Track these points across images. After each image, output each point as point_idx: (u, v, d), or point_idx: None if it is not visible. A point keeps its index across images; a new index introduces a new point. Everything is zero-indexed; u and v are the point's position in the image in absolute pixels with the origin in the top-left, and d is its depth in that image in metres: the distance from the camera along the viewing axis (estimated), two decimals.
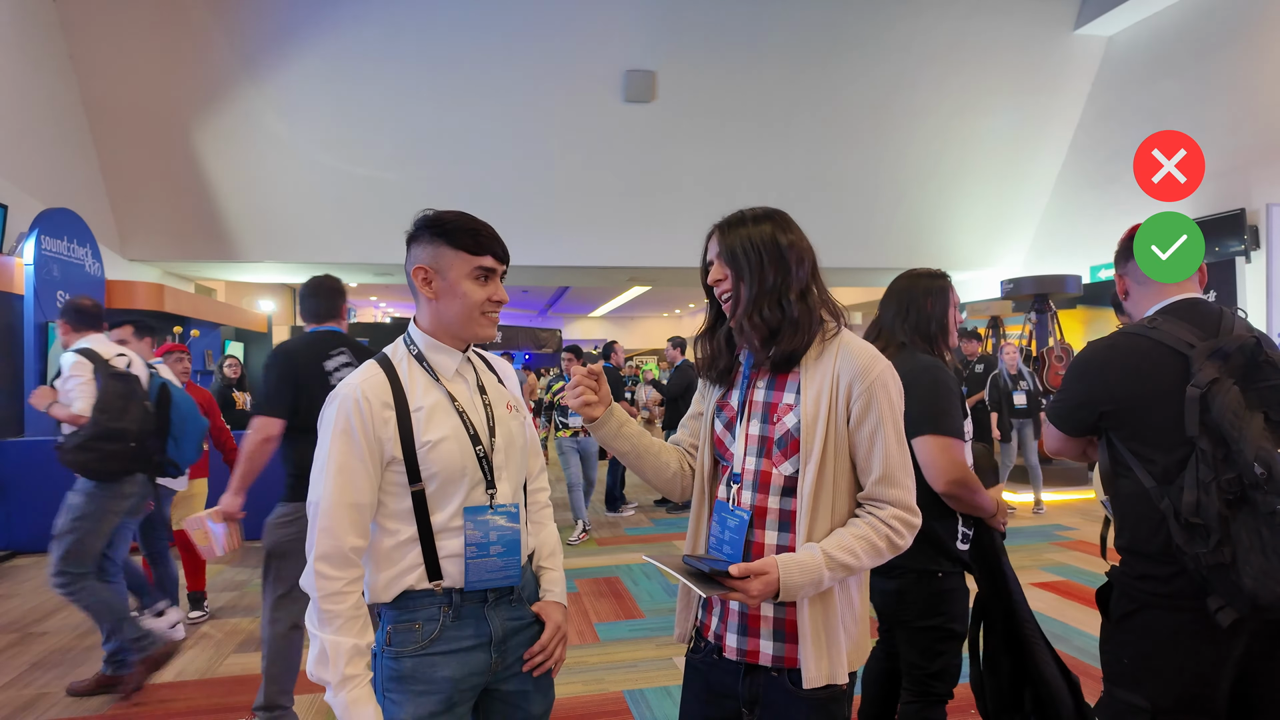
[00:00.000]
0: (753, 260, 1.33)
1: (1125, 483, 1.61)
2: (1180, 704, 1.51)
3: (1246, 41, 7.37)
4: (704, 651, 1.41)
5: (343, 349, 2.76)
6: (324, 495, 1.31)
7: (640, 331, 27.30)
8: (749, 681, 1.34)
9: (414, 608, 1.37)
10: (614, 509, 7.28)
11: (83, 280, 7.11)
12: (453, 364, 1.44)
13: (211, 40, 7.86)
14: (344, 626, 1.28)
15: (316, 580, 1.29)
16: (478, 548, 1.39)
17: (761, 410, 1.36)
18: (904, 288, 2.17)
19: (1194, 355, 1.49)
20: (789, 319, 1.32)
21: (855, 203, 9.69)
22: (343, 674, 1.26)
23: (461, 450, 1.38)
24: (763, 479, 1.33)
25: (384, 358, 1.42)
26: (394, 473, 1.36)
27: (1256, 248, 6.98)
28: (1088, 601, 4.31)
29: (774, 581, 1.20)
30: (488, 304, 1.41)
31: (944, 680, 2.04)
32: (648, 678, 3.42)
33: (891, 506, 1.28)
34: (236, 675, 3.45)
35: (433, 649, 1.36)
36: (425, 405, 1.38)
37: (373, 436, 1.33)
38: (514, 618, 1.46)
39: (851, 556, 1.24)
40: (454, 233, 1.38)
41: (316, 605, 1.29)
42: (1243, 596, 1.39)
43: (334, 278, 2.94)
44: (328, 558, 1.29)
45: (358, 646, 1.29)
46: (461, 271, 1.38)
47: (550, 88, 8.57)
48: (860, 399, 1.28)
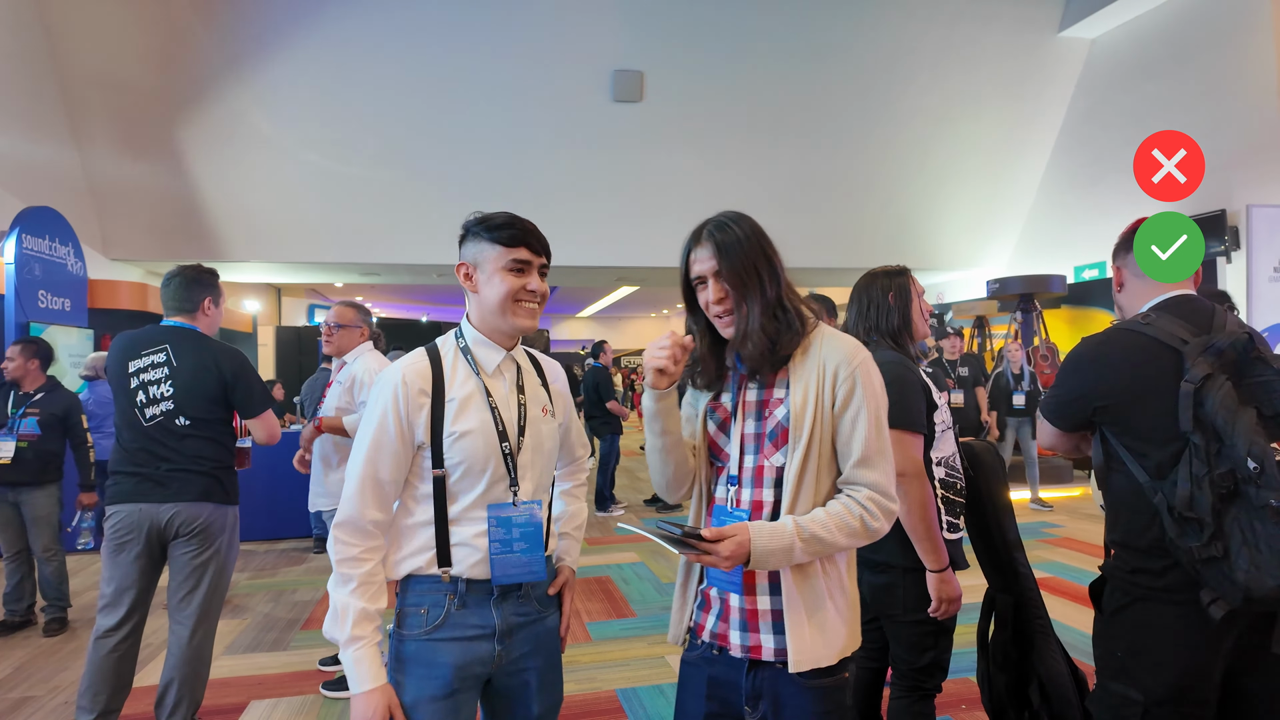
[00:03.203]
0: (752, 277, 1.33)
1: (1118, 477, 1.63)
2: (1173, 696, 1.53)
3: (1228, 44, 7.47)
4: (701, 649, 1.40)
5: (162, 347, 2.60)
6: (356, 468, 1.40)
7: (629, 332, 27.28)
8: (753, 677, 1.34)
9: (421, 592, 1.42)
10: (603, 509, 7.28)
11: (65, 280, 7.01)
12: (495, 360, 1.49)
13: (195, 37, 7.77)
14: (357, 590, 1.36)
15: (336, 545, 1.38)
16: (501, 544, 1.43)
17: (755, 409, 1.37)
18: (864, 286, 2.18)
19: (1187, 351, 1.51)
20: (785, 324, 1.33)
21: (842, 203, 9.74)
22: (350, 634, 1.34)
23: (487, 444, 1.42)
24: (758, 474, 1.34)
25: (433, 347, 1.49)
26: (423, 457, 1.42)
27: (1237, 248, 7.08)
28: (1074, 597, 4.35)
29: (745, 544, 1.22)
30: (523, 293, 1.44)
31: (933, 675, 2.05)
32: (640, 676, 3.42)
33: (868, 489, 1.29)
34: (224, 678, 3.42)
35: (436, 635, 1.40)
36: (459, 396, 1.43)
37: (405, 420, 1.40)
38: (520, 613, 1.48)
39: (824, 530, 1.25)
40: (492, 228, 1.43)
41: (336, 568, 1.38)
42: (1235, 589, 1.41)
43: (192, 267, 2.72)
44: (346, 525, 1.38)
45: (366, 610, 1.35)
46: (498, 264, 1.43)
47: (538, 87, 8.54)
48: (845, 384, 1.30)
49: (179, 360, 2.59)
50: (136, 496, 2.55)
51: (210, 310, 2.74)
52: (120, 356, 2.62)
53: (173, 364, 2.59)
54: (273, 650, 3.79)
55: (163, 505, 2.55)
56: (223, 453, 2.70)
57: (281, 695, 3.21)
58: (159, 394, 2.57)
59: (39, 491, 4.07)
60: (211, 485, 2.63)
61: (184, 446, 2.59)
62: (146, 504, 2.55)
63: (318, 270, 11.06)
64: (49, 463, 4.10)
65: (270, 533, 6.17)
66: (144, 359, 2.60)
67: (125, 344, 2.64)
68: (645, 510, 7.44)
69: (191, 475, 2.59)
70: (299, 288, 15.41)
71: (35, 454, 4.03)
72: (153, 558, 2.61)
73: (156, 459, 2.57)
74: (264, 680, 3.39)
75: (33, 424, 4.03)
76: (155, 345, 2.61)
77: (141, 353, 2.60)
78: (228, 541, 2.69)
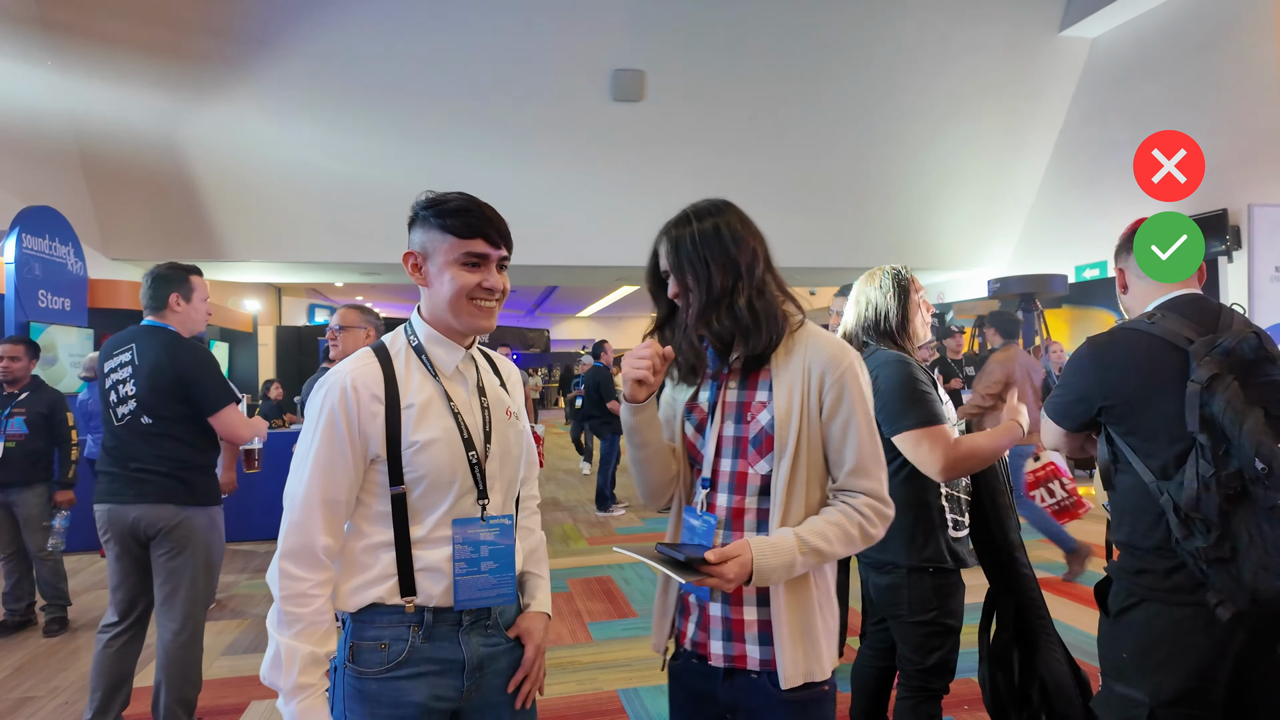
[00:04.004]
0: (699, 270, 1.28)
1: (1124, 478, 1.62)
2: (1179, 698, 1.51)
3: (1229, 44, 7.45)
4: (683, 658, 1.37)
5: (129, 346, 2.60)
6: (300, 488, 1.23)
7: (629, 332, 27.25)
8: (728, 686, 1.30)
9: (381, 624, 1.26)
10: (604, 509, 7.27)
11: (65, 279, 7.00)
12: (453, 360, 1.34)
13: (196, 37, 7.76)
14: (304, 632, 1.19)
15: (281, 579, 1.20)
16: (468, 563, 1.29)
17: (735, 410, 1.32)
18: (861, 285, 2.18)
19: (1194, 350, 1.50)
20: (741, 325, 1.27)
21: (843, 203, 9.72)
22: (296, 682, 1.18)
23: (452, 454, 1.28)
24: (739, 480, 1.30)
25: (380, 346, 1.34)
26: (376, 472, 1.27)
27: (1238, 247, 7.06)
28: (1075, 597, 4.34)
29: (748, 564, 1.17)
30: (478, 291, 1.30)
31: (940, 675, 2.04)
32: (641, 676, 3.41)
33: (865, 496, 1.26)
34: (225, 677, 3.41)
35: (399, 672, 1.26)
36: (417, 402, 1.28)
37: (357, 430, 1.24)
38: (490, 643, 1.34)
39: (824, 541, 1.21)
40: (444, 214, 1.28)
41: (278, 605, 1.20)
42: (1242, 591, 1.40)
43: (166, 265, 2.71)
44: (295, 555, 1.21)
45: (315, 655, 1.20)
46: (449, 256, 1.29)
47: (538, 86, 8.52)
48: (832, 390, 1.26)
49: (140, 359, 2.57)
50: (108, 496, 2.56)
51: (180, 307, 2.68)
52: (101, 358, 2.65)
53: (135, 363, 2.57)
54: None
55: (128, 506, 2.54)
56: (191, 453, 2.61)
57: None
58: (126, 393, 2.57)
59: (29, 492, 4.06)
60: (173, 487, 2.55)
61: (150, 446, 2.56)
62: (116, 504, 2.54)
63: (318, 270, 11.05)
64: (37, 462, 4.09)
65: (271, 533, 6.09)
66: (115, 359, 2.61)
67: (106, 345, 2.67)
68: (645, 510, 7.43)
69: (154, 476, 2.54)
70: (299, 287, 15.41)
71: (24, 454, 4.02)
72: (134, 557, 2.61)
73: (126, 459, 2.56)
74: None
75: (20, 424, 4.03)
76: (124, 345, 2.61)
77: (114, 353, 2.62)
78: (205, 544, 2.61)
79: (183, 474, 2.58)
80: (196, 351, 2.62)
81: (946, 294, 11.90)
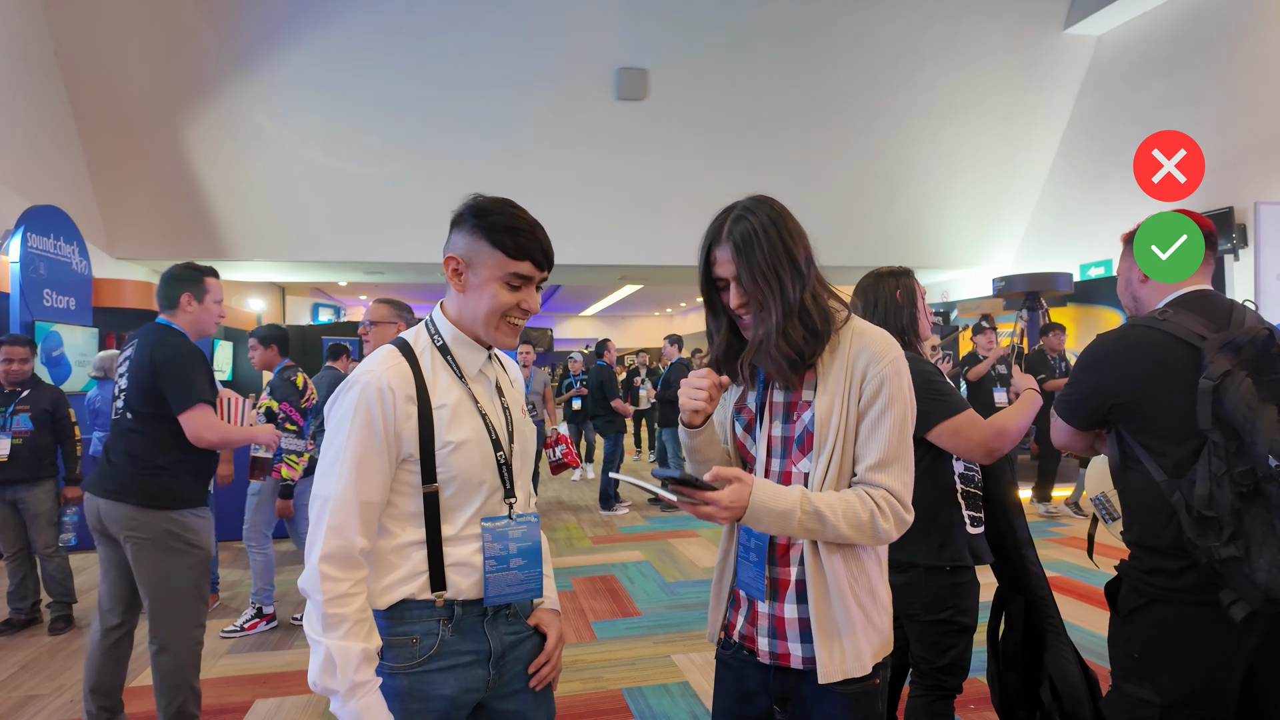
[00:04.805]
0: (772, 282, 1.24)
1: (1135, 476, 1.60)
2: (1191, 698, 1.50)
3: (1235, 41, 7.42)
4: (733, 649, 1.38)
5: (132, 343, 2.61)
6: (338, 490, 1.22)
7: (632, 330, 27.25)
8: (780, 678, 1.31)
9: (411, 620, 1.28)
10: (608, 508, 7.26)
11: (70, 278, 7.02)
12: (477, 362, 1.37)
13: (200, 36, 7.76)
14: (351, 631, 1.20)
15: (323, 582, 1.19)
16: (497, 560, 1.32)
17: (782, 411, 1.31)
18: (869, 285, 2.15)
19: (1206, 347, 1.48)
20: (811, 331, 1.25)
21: (847, 201, 9.69)
22: (353, 681, 1.18)
23: (483, 455, 1.31)
24: (785, 480, 1.30)
25: (405, 345, 1.33)
26: (408, 472, 1.28)
27: (1245, 245, 7.03)
28: (1085, 597, 4.32)
29: (744, 496, 1.16)
30: (515, 311, 1.33)
31: (953, 674, 2.03)
32: (646, 675, 3.40)
33: (884, 490, 1.22)
34: (228, 677, 3.41)
35: (430, 665, 1.28)
36: (448, 403, 1.30)
37: (393, 431, 1.25)
38: (512, 632, 1.38)
39: (829, 510, 1.18)
40: (495, 229, 1.28)
41: (321, 609, 1.19)
42: (1256, 590, 1.38)
43: (183, 265, 2.71)
44: (335, 558, 1.21)
45: (366, 651, 1.21)
46: (494, 273, 1.29)
47: (542, 85, 8.51)
48: (873, 381, 1.23)
49: (134, 355, 2.57)
50: (89, 485, 2.57)
51: (191, 307, 2.66)
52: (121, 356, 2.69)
53: (131, 358, 2.57)
54: (276, 649, 3.78)
55: (97, 499, 2.50)
56: (154, 451, 2.49)
57: (286, 694, 3.19)
58: (121, 389, 2.59)
59: (36, 488, 4.08)
60: (129, 486, 2.46)
61: (125, 441, 2.52)
62: (91, 494, 2.54)
63: (322, 269, 11.05)
64: (43, 458, 4.11)
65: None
66: (123, 355, 2.64)
67: (125, 343, 2.70)
68: (649, 509, 7.42)
69: (118, 472, 2.49)
70: (303, 286, 15.42)
71: (30, 450, 4.04)
72: (110, 552, 2.59)
73: (109, 452, 2.57)
74: (268, 679, 3.37)
75: (25, 420, 4.04)
76: (131, 342, 2.63)
77: (124, 350, 2.65)
78: (165, 547, 2.46)
79: (145, 473, 2.47)
80: (177, 347, 2.53)
81: (951, 292, 11.86)
